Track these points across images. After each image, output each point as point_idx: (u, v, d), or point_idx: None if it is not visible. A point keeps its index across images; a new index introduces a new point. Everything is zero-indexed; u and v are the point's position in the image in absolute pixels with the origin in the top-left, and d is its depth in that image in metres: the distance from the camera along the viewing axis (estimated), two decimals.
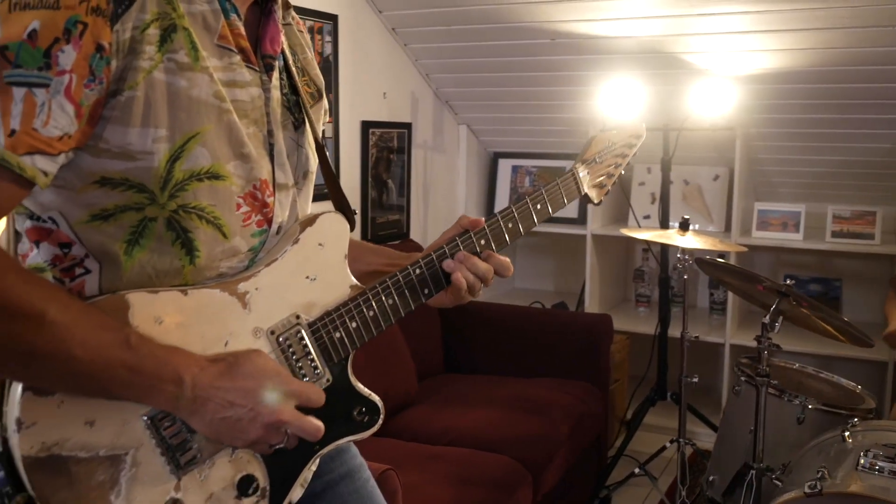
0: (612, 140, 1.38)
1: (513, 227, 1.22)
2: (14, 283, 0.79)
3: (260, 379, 0.92)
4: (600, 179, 1.36)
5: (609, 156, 1.37)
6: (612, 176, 1.38)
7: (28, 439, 0.84)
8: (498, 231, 1.20)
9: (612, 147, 1.37)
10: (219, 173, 0.94)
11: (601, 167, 1.36)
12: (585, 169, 1.33)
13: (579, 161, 1.33)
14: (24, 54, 0.78)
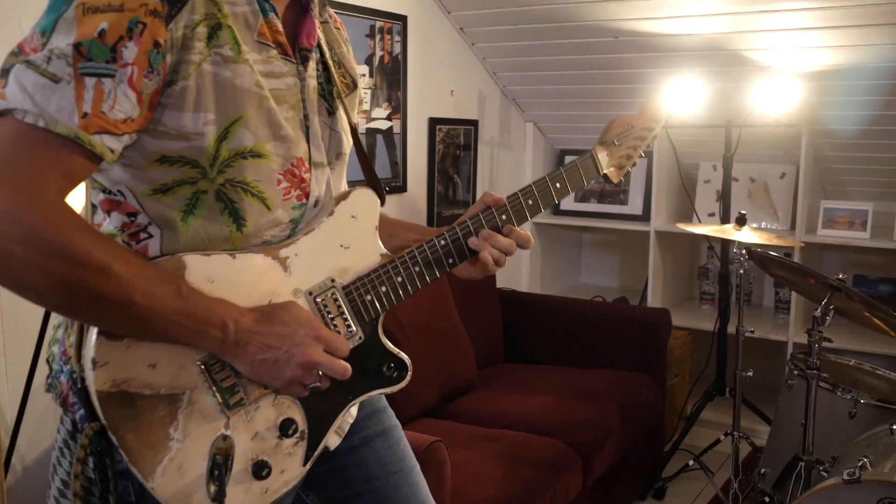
0: (631, 123, 1.45)
1: (532, 204, 1.31)
2: (83, 238, 0.93)
3: (293, 325, 1.05)
4: (619, 160, 1.44)
5: (628, 138, 1.44)
6: (630, 157, 1.46)
7: (101, 376, 0.99)
8: (518, 207, 1.30)
9: (630, 130, 1.45)
10: (260, 152, 1.07)
11: (620, 149, 1.44)
12: (604, 150, 1.42)
13: (598, 143, 1.42)
14: (94, 49, 0.93)
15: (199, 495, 1.04)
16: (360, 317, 1.18)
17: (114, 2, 0.93)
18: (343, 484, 1.29)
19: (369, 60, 3.12)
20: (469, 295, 3.30)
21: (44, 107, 0.91)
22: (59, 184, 0.93)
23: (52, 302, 0.97)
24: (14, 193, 0.90)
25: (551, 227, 4.38)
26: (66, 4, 0.94)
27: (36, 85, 0.91)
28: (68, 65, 0.91)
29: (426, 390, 2.80)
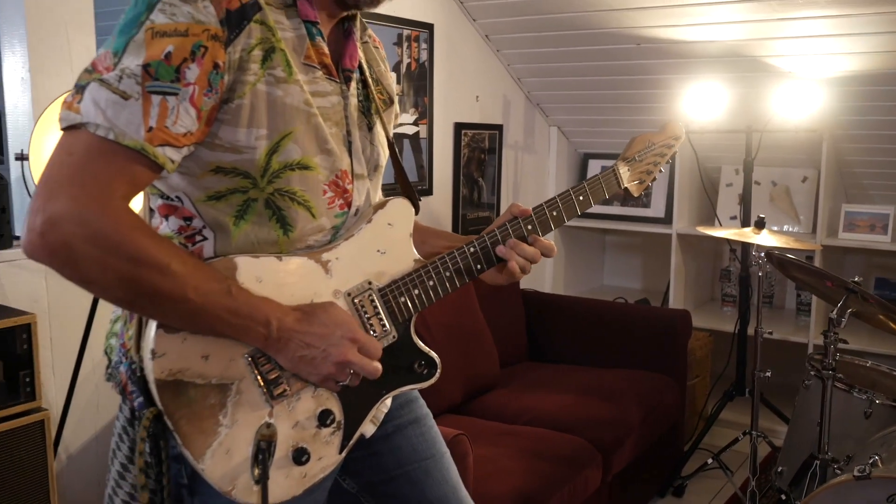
0: (652, 140, 1.54)
1: (557, 215, 1.40)
2: (145, 240, 1.03)
3: (331, 326, 1.15)
4: (640, 175, 1.52)
5: (649, 154, 1.53)
6: (650, 173, 1.54)
7: (159, 366, 1.09)
8: (544, 219, 1.38)
9: (651, 147, 1.53)
10: (307, 164, 1.16)
11: (641, 165, 1.52)
12: (626, 166, 1.50)
13: (620, 159, 1.50)
14: (161, 70, 1.02)
15: (244, 478, 1.14)
16: (394, 317, 1.27)
17: (179, 27, 1.03)
18: (378, 469, 1.38)
19: (396, 67, 3.22)
20: (493, 296, 3.39)
21: (114, 121, 1.01)
22: (124, 190, 1.03)
23: (116, 296, 1.07)
24: (85, 198, 1.00)
25: (575, 229, 4.45)
26: (137, 28, 1.03)
27: (108, 101, 1.01)
28: (137, 83, 1.01)
29: (450, 387, 2.89)
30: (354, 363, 1.16)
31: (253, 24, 1.09)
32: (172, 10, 1.03)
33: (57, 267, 1.02)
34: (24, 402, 1.84)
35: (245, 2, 1.08)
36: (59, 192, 0.99)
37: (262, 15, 1.10)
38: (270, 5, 1.13)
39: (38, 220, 0.98)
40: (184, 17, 1.03)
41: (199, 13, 1.04)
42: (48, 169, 1.02)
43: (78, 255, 1.00)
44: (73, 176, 1.00)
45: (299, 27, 1.17)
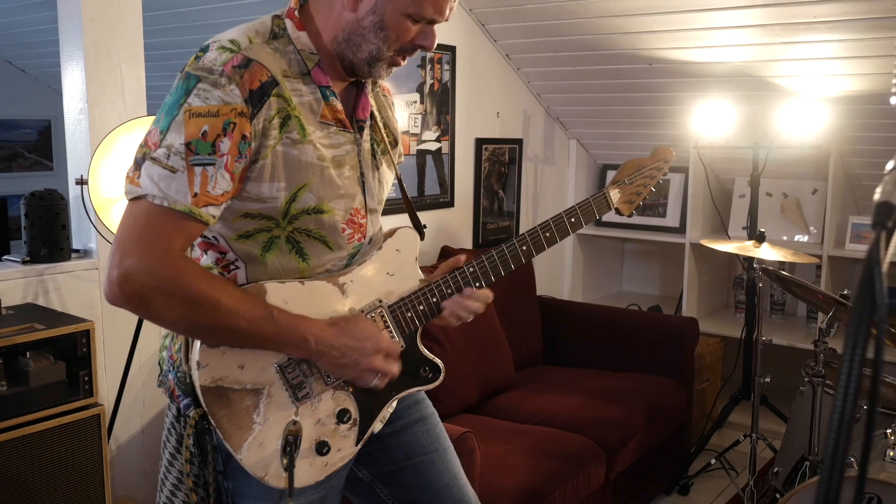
0: (642, 164, 1.73)
1: (549, 236, 1.60)
2: (200, 283, 1.27)
3: (362, 340, 1.38)
4: (630, 196, 1.72)
5: (639, 177, 1.72)
6: (640, 194, 1.73)
7: (203, 375, 1.32)
8: (537, 239, 1.59)
9: (641, 170, 1.72)
10: (322, 209, 1.38)
11: (632, 187, 1.71)
12: (616, 189, 1.70)
13: (611, 183, 1.70)
14: (200, 146, 1.25)
15: (274, 465, 1.36)
16: (402, 329, 1.49)
17: (212, 109, 1.26)
18: (388, 461, 1.60)
19: (420, 88, 3.44)
20: (511, 302, 3.59)
21: (166, 191, 1.24)
22: (180, 244, 1.27)
23: (181, 329, 1.33)
24: (150, 254, 1.24)
25: (594, 237, 4.64)
26: (177, 109, 1.27)
27: (160, 175, 1.25)
28: (182, 159, 1.25)
29: (466, 389, 3.10)
30: (380, 370, 1.39)
31: (272, 98, 1.31)
32: (206, 95, 1.26)
33: (133, 310, 1.27)
34: (83, 398, 2.10)
35: (264, 81, 1.30)
36: (131, 251, 1.23)
37: (279, 89, 1.32)
38: (288, 76, 1.35)
39: (115, 274, 1.23)
40: (215, 101, 1.26)
41: (227, 96, 1.26)
42: (120, 232, 1.26)
43: (149, 300, 1.24)
44: (139, 237, 1.24)
45: (315, 91, 1.39)
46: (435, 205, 3.61)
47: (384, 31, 1.37)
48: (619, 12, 3.35)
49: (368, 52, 1.38)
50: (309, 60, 1.39)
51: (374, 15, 1.36)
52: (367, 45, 1.38)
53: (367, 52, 1.39)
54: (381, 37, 1.37)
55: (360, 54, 1.39)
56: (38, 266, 2.36)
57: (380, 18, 1.36)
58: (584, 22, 3.49)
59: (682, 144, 4.06)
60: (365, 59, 1.39)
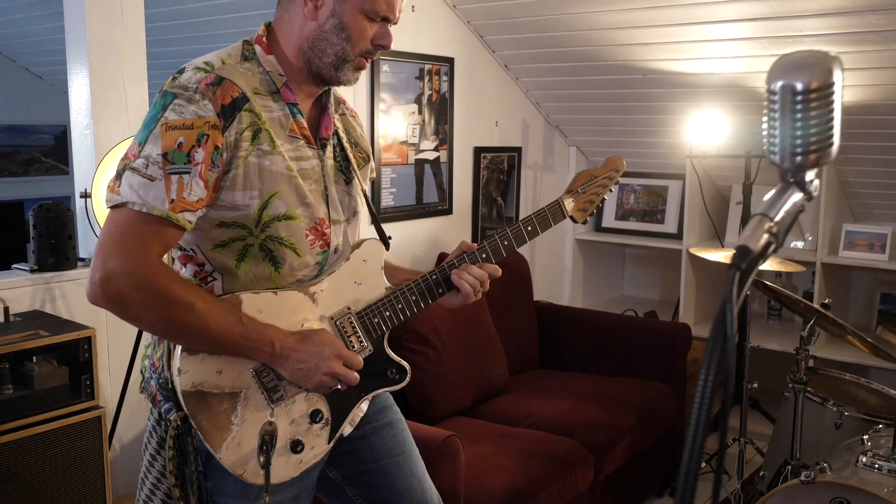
0: (594, 174, 1.83)
1: (508, 244, 1.70)
2: (176, 286, 1.37)
3: (322, 346, 1.47)
4: (583, 205, 1.81)
5: (591, 186, 1.82)
6: (593, 202, 1.83)
7: (184, 380, 1.43)
8: (495, 246, 1.69)
9: (594, 180, 1.83)
10: (291, 215, 1.48)
11: (585, 196, 1.81)
12: (570, 198, 1.79)
13: (565, 192, 1.80)
14: (176, 156, 1.36)
15: (252, 464, 1.47)
16: (370, 334, 1.59)
17: (187, 122, 1.37)
18: (357, 463, 1.70)
19: (418, 99, 3.54)
20: (508, 306, 3.69)
21: (145, 198, 1.35)
22: (158, 249, 1.37)
23: (157, 330, 1.43)
24: (130, 257, 1.34)
25: (593, 243, 4.72)
26: (155, 123, 1.38)
27: (139, 184, 1.35)
28: (159, 168, 1.36)
29: (460, 392, 3.20)
30: (339, 374, 1.49)
31: (243, 113, 1.42)
32: (181, 110, 1.37)
33: (112, 310, 1.38)
34: (85, 401, 2.21)
35: (235, 96, 1.41)
36: (111, 254, 1.34)
37: (250, 104, 1.43)
38: (259, 94, 1.47)
39: (98, 276, 1.34)
40: (190, 115, 1.37)
41: (200, 110, 1.37)
42: (102, 237, 1.37)
43: (128, 301, 1.35)
44: (120, 242, 1.35)
45: (284, 108, 1.50)
46: (433, 212, 3.71)
47: (345, 32, 1.48)
48: (611, 25, 3.43)
49: (334, 54, 1.50)
50: (277, 80, 1.50)
51: (334, 18, 1.48)
52: (331, 48, 1.50)
53: (332, 55, 1.50)
54: (343, 37, 1.49)
55: (326, 58, 1.50)
56: (45, 274, 2.48)
57: (339, 20, 1.48)
58: (578, 34, 3.57)
59: (678, 153, 4.13)
60: (331, 63, 1.51)
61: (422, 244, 3.67)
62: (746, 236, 0.85)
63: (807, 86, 0.88)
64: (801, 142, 0.89)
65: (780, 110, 0.89)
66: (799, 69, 0.89)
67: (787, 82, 0.89)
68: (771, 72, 0.90)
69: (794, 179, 0.90)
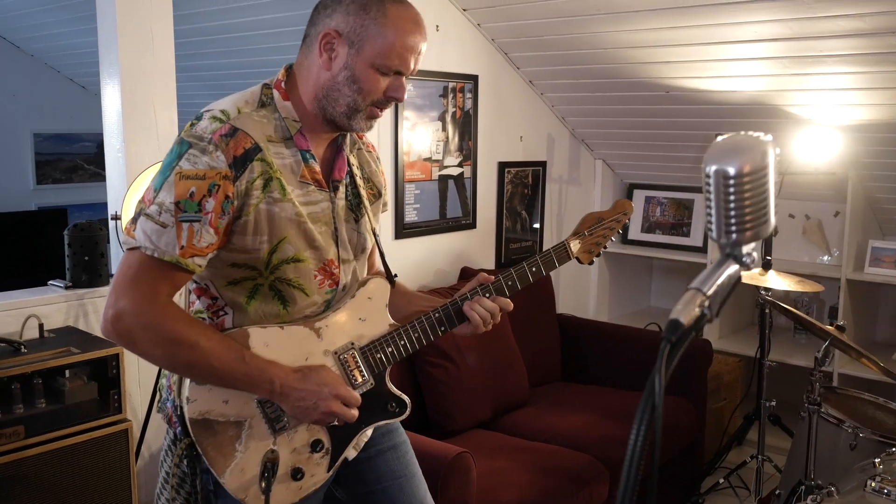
0: (601, 216, 1.88)
1: (512, 285, 1.76)
2: (182, 326, 1.46)
3: (321, 385, 1.55)
4: (590, 247, 1.87)
5: (599, 229, 1.87)
6: (600, 244, 1.88)
7: (192, 408, 1.52)
8: (499, 286, 1.75)
9: (601, 222, 1.88)
10: (299, 258, 1.57)
11: (591, 238, 1.87)
12: (577, 240, 1.85)
13: (572, 235, 1.85)
14: (187, 205, 1.45)
15: (254, 489, 1.55)
16: (372, 369, 1.67)
17: (199, 172, 1.45)
18: (362, 483, 1.78)
19: (442, 116, 3.61)
20: (530, 319, 3.74)
21: (157, 244, 1.45)
22: (168, 290, 1.47)
23: (163, 364, 1.54)
24: (140, 298, 1.44)
25: (620, 255, 4.75)
26: (170, 171, 1.47)
27: (153, 230, 1.45)
28: (172, 216, 1.45)
29: (479, 405, 3.26)
30: (337, 413, 1.56)
31: (255, 163, 1.50)
32: (195, 160, 1.46)
33: (122, 345, 1.48)
34: (113, 414, 2.34)
35: (248, 147, 1.49)
36: (123, 294, 1.44)
37: (262, 154, 1.51)
38: (273, 141, 1.54)
39: (110, 314, 1.44)
40: (203, 165, 1.46)
41: (213, 161, 1.46)
42: (116, 277, 1.47)
43: (136, 338, 1.45)
44: (132, 283, 1.45)
45: (296, 154, 1.58)
46: (456, 227, 3.78)
47: (356, 84, 1.54)
48: (634, 44, 3.46)
49: (346, 104, 1.56)
50: (292, 127, 1.57)
51: (346, 70, 1.54)
52: (343, 99, 1.55)
53: (344, 105, 1.56)
54: (354, 89, 1.54)
55: (339, 108, 1.56)
56: (78, 291, 2.61)
57: (351, 73, 1.53)
58: (601, 52, 3.61)
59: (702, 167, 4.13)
60: (343, 112, 1.57)
61: (445, 258, 3.74)
62: (679, 310, 0.91)
63: (739, 170, 0.92)
64: (735, 221, 0.93)
65: (714, 193, 0.94)
66: (732, 154, 0.93)
67: (719, 167, 0.93)
68: (707, 154, 0.95)
69: (731, 253, 0.95)
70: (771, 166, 0.94)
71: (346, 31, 1.52)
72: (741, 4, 2.95)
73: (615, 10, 3.25)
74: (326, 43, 1.54)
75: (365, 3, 1.53)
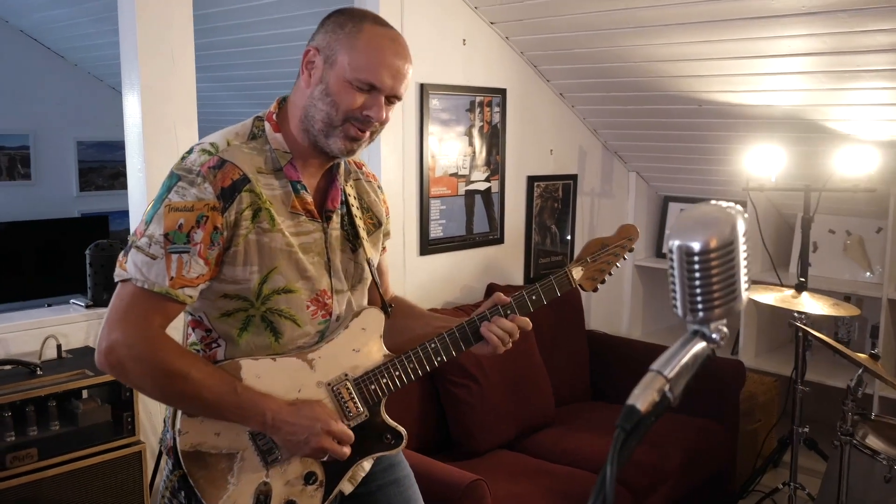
0: (605, 242, 1.83)
1: (511, 314, 1.71)
2: (172, 357, 1.45)
3: (313, 420, 1.52)
4: (593, 274, 1.82)
5: (603, 255, 1.82)
6: (604, 271, 1.83)
7: (183, 440, 1.51)
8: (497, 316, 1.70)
9: (605, 248, 1.83)
10: (290, 289, 1.55)
11: (595, 265, 1.82)
12: (579, 266, 1.80)
13: (574, 262, 1.81)
14: (176, 237, 1.45)
15: None
16: (366, 400, 1.64)
17: (187, 204, 1.45)
18: None
19: (469, 131, 3.57)
20: (558, 336, 3.68)
21: (147, 276, 1.44)
22: (159, 321, 1.46)
23: (155, 396, 1.53)
24: (132, 330, 1.44)
25: (653, 269, 4.65)
26: (160, 203, 1.47)
27: (143, 262, 1.45)
28: (161, 248, 1.44)
29: (503, 425, 3.21)
30: (328, 449, 1.54)
31: (243, 194, 1.49)
32: (183, 192, 1.46)
33: (116, 377, 1.49)
34: (126, 436, 2.35)
35: (235, 179, 1.48)
36: (115, 327, 1.44)
37: (251, 185, 1.50)
38: (263, 172, 1.53)
39: (103, 346, 1.45)
40: (191, 197, 1.45)
41: (201, 193, 1.45)
42: (109, 310, 1.47)
43: (128, 370, 1.45)
44: (124, 315, 1.45)
45: (286, 185, 1.56)
46: (483, 242, 3.73)
47: (329, 97, 1.51)
48: (664, 57, 3.39)
49: (321, 120, 1.53)
50: (282, 158, 1.56)
51: (321, 84, 1.52)
52: (318, 114, 1.53)
53: (320, 122, 1.53)
54: (327, 102, 1.51)
55: (316, 125, 1.54)
56: (98, 310, 2.63)
57: (325, 86, 1.52)
58: (633, 66, 3.54)
59: (738, 179, 4.03)
60: (321, 130, 1.54)
61: (472, 274, 3.70)
62: (636, 395, 0.86)
63: (705, 246, 0.85)
64: (701, 300, 0.87)
65: (678, 269, 0.87)
66: (697, 228, 0.86)
67: (683, 243, 0.86)
68: (671, 228, 0.88)
69: (698, 331, 0.89)
70: (740, 238, 0.86)
71: (324, 46, 1.52)
72: (775, 19, 2.86)
73: (644, 24, 3.18)
74: (308, 61, 1.54)
75: (343, 21, 1.53)
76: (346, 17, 1.53)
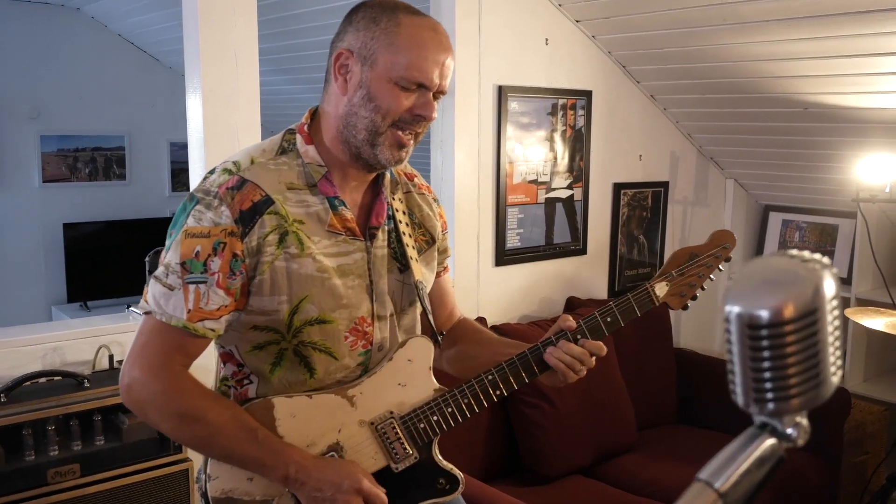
0: (695, 252, 1.60)
1: (581, 339, 1.51)
2: (188, 399, 1.34)
3: (341, 477, 1.36)
4: (681, 289, 1.59)
5: (692, 268, 1.59)
6: (693, 286, 1.60)
7: (214, 486, 1.39)
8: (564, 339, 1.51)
9: (695, 259, 1.60)
10: (325, 319, 1.40)
11: (683, 279, 1.59)
12: (663, 282, 1.58)
13: (657, 276, 1.59)
14: (193, 265, 1.32)
15: None
16: (415, 441, 1.48)
17: (203, 230, 1.33)
18: None
19: (550, 136, 3.38)
20: (642, 355, 3.45)
21: (164, 308, 1.33)
22: (179, 359, 1.35)
23: (172, 437, 1.43)
24: (148, 368, 1.33)
25: None
26: (177, 230, 1.35)
27: (160, 293, 1.34)
28: (178, 277, 1.33)
29: (578, 449, 3.02)
30: None
31: (265, 217, 1.35)
32: (200, 217, 1.34)
33: (136, 414, 1.38)
34: (173, 454, 2.27)
35: (256, 200, 1.35)
36: (134, 363, 1.34)
37: (275, 207, 1.36)
38: (295, 188, 1.39)
39: (123, 383, 1.35)
40: (207, 222, 1.33)
41: (218, 217, 1.33)
42: (132, 344, 1.37)
43: (146, 409, 1.35)
44: (142, 351, 1.35)
45: (324, 202, 1.41)
46: (564, 253, 3.53)
47: (373, 102, 1.36)
48: (765, 56, 3.11)
49: (365, 128, 1.38)
50: (316, 173, 1.42)
51: (362, 89, 1.37)
52: (361, 123, 1.38)
53: (364, 130, 1.38)
54: (370, 108, 1.37)
55: (359, 135, 1.39)
56: None
57: (366, 91, 1.37)
58: (729, 66, 3.27)
59: (847, 189, 3.70)
60: (365, 140, 1.39)
61: (551, 286, 3.51)
62: None
63: (776, 317, 0.62)
64: (771, 386, 0.65)
65: (738, 346, 0.65)
66: (765, 289, 0.63)
67: (745, 311, 0.64)
68: (730, 288, 0.66)
69: (766, 424, 0.68)
70: (828, 304, 0.64)
71: (358, 47, 1.36)
72: (889, 12, 2.57)
73: (743, 21, 2.91)
74: (340, 66, 1.38)
75: (375, 15, 1.36)
76: (377, 11, 1.37)
